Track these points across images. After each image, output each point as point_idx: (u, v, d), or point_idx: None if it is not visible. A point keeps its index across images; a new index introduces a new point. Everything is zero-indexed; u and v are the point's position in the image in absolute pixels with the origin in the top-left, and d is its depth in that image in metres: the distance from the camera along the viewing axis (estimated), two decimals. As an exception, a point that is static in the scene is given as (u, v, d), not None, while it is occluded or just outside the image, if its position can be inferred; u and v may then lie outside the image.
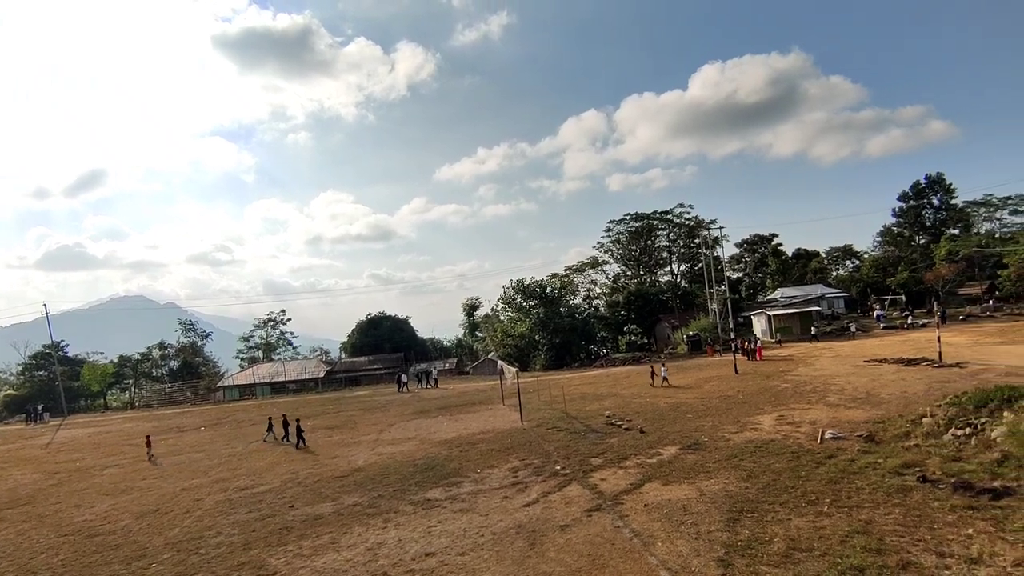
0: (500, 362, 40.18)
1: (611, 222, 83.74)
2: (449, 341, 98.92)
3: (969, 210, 77.42)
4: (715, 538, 11.04)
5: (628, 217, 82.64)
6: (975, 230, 75.99)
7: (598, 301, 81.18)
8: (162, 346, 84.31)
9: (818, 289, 68.52)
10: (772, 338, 51.52)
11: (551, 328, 64.01)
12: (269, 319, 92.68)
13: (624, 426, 22.56)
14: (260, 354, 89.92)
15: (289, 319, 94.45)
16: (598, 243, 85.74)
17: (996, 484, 12.01)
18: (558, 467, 17.61)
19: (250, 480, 20.76)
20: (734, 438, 18.88)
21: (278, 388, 68.92)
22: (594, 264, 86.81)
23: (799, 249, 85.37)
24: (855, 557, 9.51)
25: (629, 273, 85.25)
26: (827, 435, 17.45)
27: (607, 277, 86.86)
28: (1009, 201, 75.84)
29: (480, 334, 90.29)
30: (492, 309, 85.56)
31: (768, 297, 71.86)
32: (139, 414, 56.16)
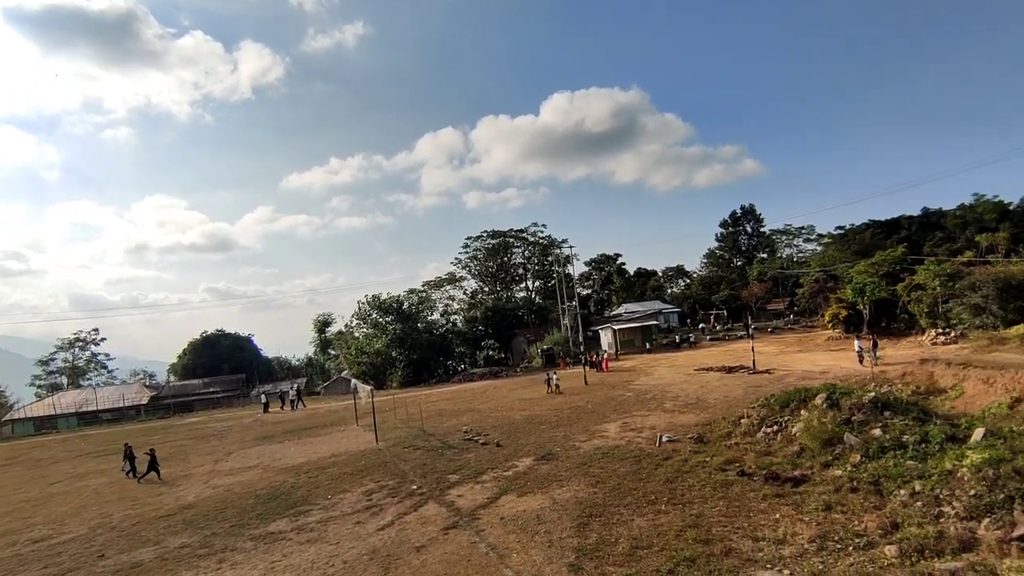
0: (354, 380, 38.54)
1: (469, 238, 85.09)
2: (298, 360, 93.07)
3: (774, 237, 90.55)
4: (567, 544, 11.44)
5: (485, 234, 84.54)
6: (779, 254, 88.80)
7: (456, 316, 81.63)
8: (-73, 373, 69.01)
9: (656, 305, 75.11)
10: (618, 350, 55.36)
11: (408, 344, 62.91)
12: (77, 339, 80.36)
13: (481, 441, 22.71)
14: (64, 380, 77.51)
15: (103, 339, 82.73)
16: (456, 259, 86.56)
17: (796, 473, 13.93)
18: (414, 486, 17.19)
19: (48, 530, 17.58)
20: (584, 446, 19.85)
21: (88, 419, 59.66)
22: (452, 280, 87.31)
23: (640, 268, 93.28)
24: (688, 549, 10.40)
25: (486, 289, 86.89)
26: (664, 439, 19.03)
27: (465, 293, 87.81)
28: (802, 231, 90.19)
29: (333, 351, 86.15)
30: (346, 325, 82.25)
31: (614, 312, 77.26)
32: None
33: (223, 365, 76.41)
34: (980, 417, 17.03)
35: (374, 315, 69.11)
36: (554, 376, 35.73)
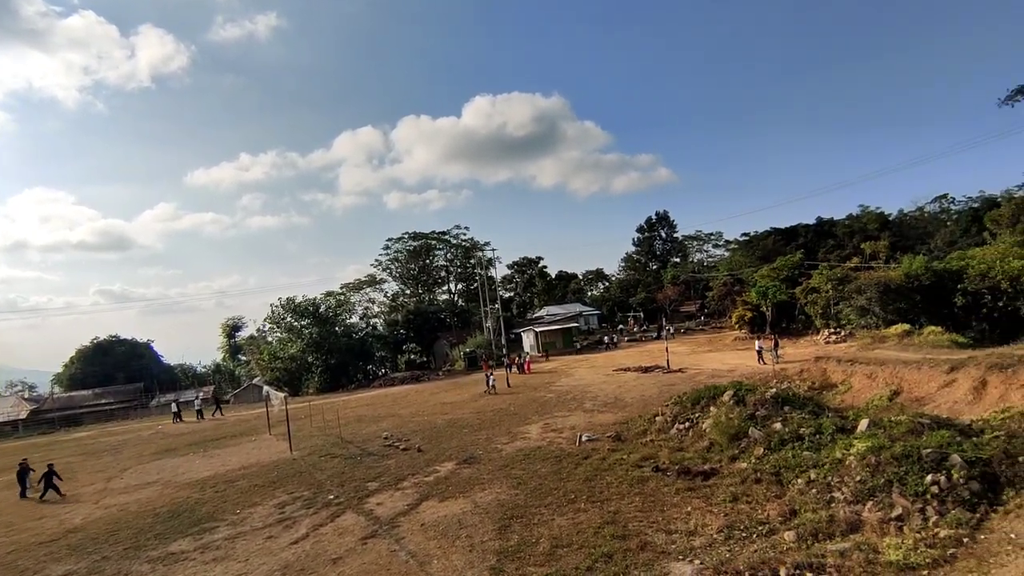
0: (267, 387, 36.78)
1: (389, 240, 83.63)
2: (204, 367, 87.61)
3: (686, 242, 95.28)
4: (488, 547, 11.41)
5: (407, 236, 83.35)
6: (691, 259, 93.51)
7: (376, 320, 79.91)
8: None
9: (576, 307, 76.98)
10: (540, 352, 56.17)
11: (326, 348, 60.81)
12: (-57, 347, 71.52)
13: (402, 446, 22.28)
14: (-75, 394, 68.79)
15: (-26, 347, 74.00)
16: (376, 260, 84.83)
17: (706, 467, 14.64)
18: (331, 496, 16.57)
19: (-101, 564, 15.45)
20: (506, 448, 19.93)
21: (-45, 437, 53.15)
22: (372, 282, 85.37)
23: (561, 271, 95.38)
24: (606, 545, 10.66)
25: (408, 291, 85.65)
26: (584, 438, 19.45)
27: (386, 295, 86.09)
28: (712, 237, 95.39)
29: (243, 357, 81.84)
30: (258, 329, 78.47)
31: (536, 315, 78.40)
32: None
33: (118, 374, 70.58)
34: (865, 409, 18.67)
35: (289, 319, 66.28)
36: (491, 377, 36.13)
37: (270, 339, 71.75)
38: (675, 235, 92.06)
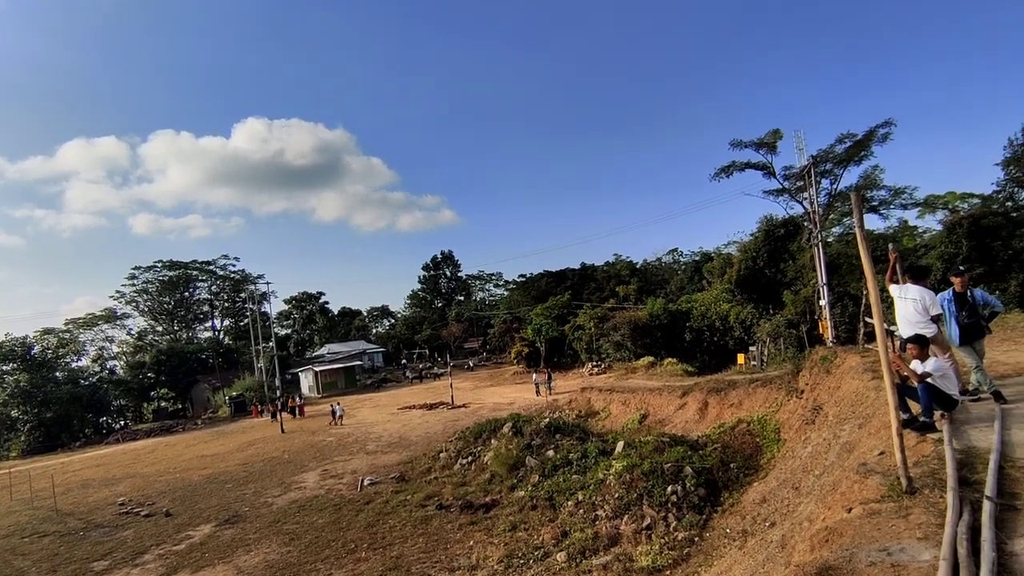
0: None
1: (136, 268, 71.49)
2: None
3: (470, 282, 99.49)
4: (252, 619, 10.05)
5: (160, 264, 72.26)
6: (474, 297, 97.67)
7: (116, 362, 67.31)
8: None
9: (361, 345, 74.56)
10: (319, 393, 52.79)
11: (39, 399, 49.13)
12: None
13: (144, 512, 18.74)
14: None
15: None
16: (118, 292, 71.55)
17: (488, 499, 15.04)
18: (37, 587, 13.11)
19: None
20: (278, 501, 18.06)
21: None
22: (111, 317, 71.72)
23: (345, 308, 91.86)
24: (388, 595, 10.16)
25: (160, 328, 74.10)
26: (366, 482, 18.59)
27: (130, 333, 73.08)
28: (493, 277, 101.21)
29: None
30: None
31: (316, 353, 73.90)
32: None
33: None
34: (621, 432, 21.11)
35: (-17, 363, 52.26)
36: (339, 408, 35.56)
37: (-47, 390, 55.55)
38: (459, 274, 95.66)
